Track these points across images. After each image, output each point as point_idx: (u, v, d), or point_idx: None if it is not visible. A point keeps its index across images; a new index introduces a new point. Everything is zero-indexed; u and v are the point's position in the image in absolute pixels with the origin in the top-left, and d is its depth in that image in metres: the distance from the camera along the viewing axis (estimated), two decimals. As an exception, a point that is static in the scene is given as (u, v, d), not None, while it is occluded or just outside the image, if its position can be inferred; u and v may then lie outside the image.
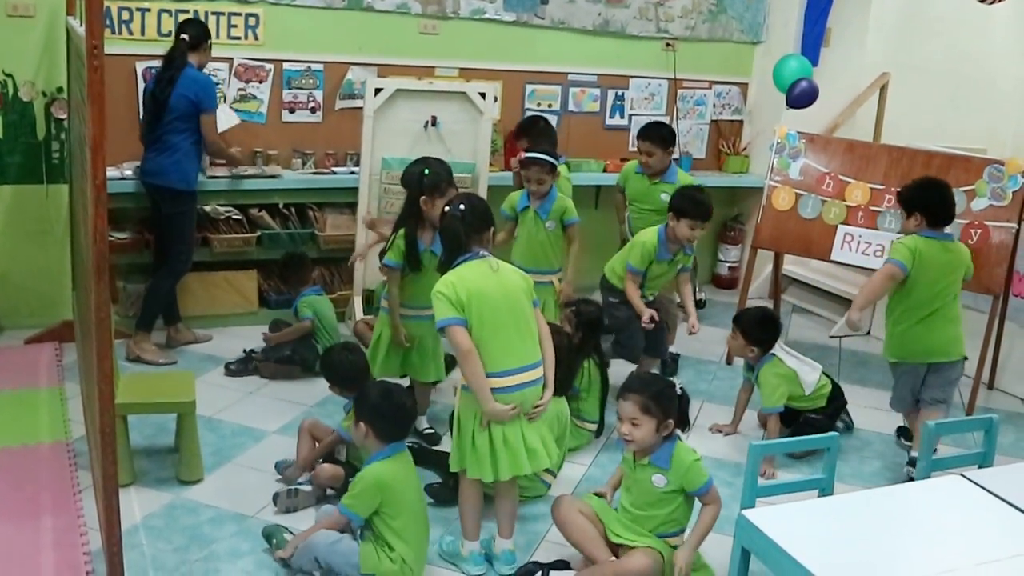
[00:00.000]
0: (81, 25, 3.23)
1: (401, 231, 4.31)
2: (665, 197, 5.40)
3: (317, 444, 4.16)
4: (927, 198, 4.54)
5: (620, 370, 4.89)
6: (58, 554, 3.48)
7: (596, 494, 3.65)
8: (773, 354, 4.76)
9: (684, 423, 3.51)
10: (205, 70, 5.37)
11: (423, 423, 4.66)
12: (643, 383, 3.44)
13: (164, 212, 5.34)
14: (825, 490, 3.46)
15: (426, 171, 4.25)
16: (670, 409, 3.36)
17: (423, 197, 4.24)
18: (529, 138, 5.52)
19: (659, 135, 5.66)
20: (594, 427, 4.74)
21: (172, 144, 5.20)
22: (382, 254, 4.43)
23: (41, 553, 3.48)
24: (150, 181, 5.29)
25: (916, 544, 2.86)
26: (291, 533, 3.60)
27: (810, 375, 4.80)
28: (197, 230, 5.74)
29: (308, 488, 3.98)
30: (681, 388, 3.47)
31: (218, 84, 5.87)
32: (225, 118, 5.69)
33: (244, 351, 5.36)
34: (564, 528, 3.53)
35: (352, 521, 3.43)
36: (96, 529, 3.55)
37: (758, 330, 4.79)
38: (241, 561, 3.54)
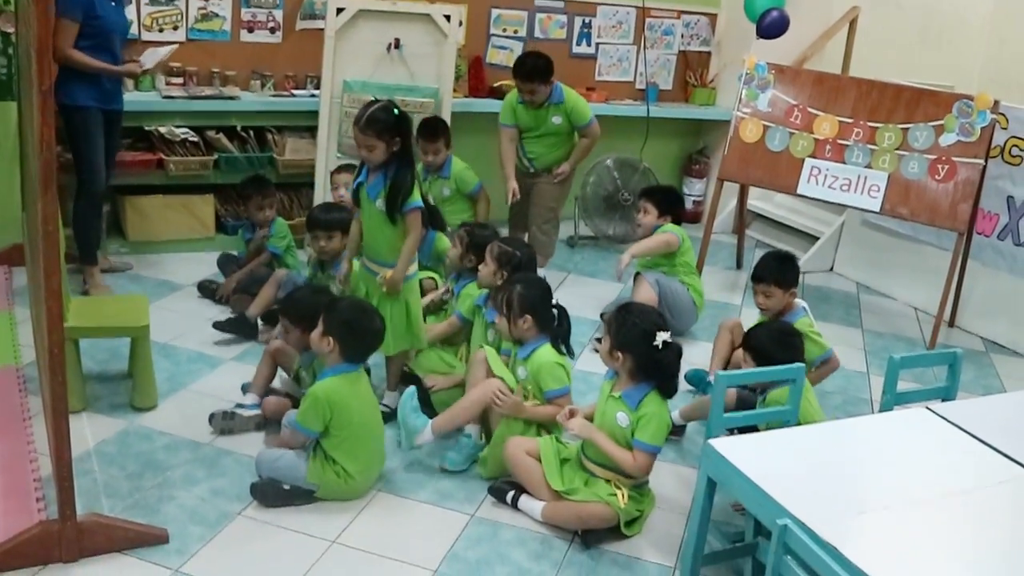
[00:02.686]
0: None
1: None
2: (557, 119, 5.65)
3: (280, 369, 4.10)
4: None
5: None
6: (7, 479, 3.39)
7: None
8: (805, 309, 4.38)
9: (670, 378, 3.41)
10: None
11: (385, 398, 4.16)
12: (625, 308, 3.46)
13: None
14: (790, 422, 3.43)
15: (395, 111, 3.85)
16: (620, 336, 3.35)
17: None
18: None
19: (538, 70, 5.55)
20: None
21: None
22: None
23: (-11, 478, 3.39)
24: None
25: (883, 475, 2.84)
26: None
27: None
28: (152, 151, 5.58)
29: (247, 413, 3.90)
30: (668, 343, 3.35)
31: (174, 1, 5.67)
32: (150, 55, 5.18)
33: (232, 313, 4.94)
34: (513, 467, 3.55)
35: (307, 436, 3.44)
36: (47, 455, 3.44)
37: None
38: (196, 488, 3.47)
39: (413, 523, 3.43)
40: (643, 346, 3.32)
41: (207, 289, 5.21)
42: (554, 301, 3.80)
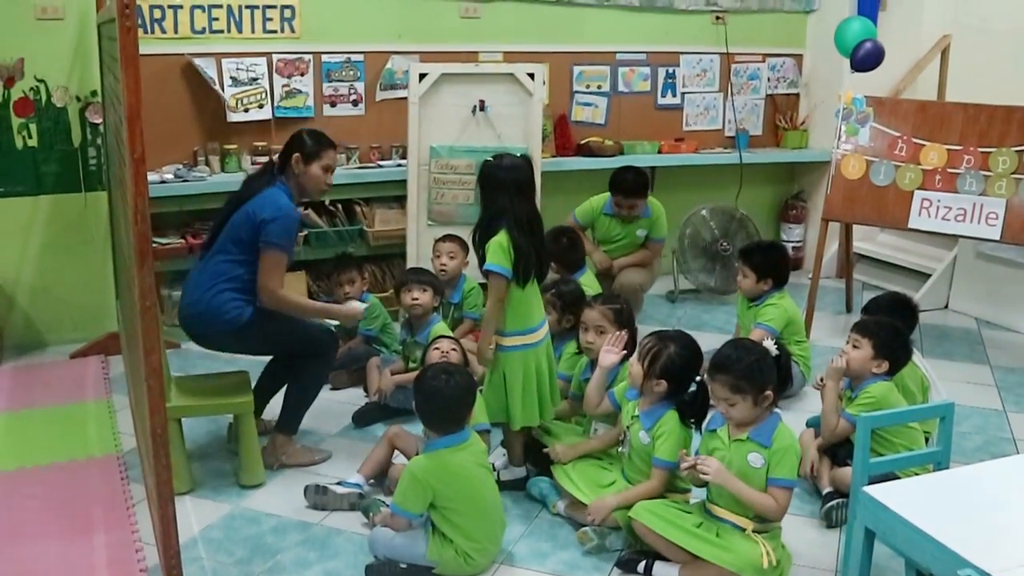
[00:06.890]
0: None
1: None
2: (642, 233, 5.65)
3: (399, 452, 3.86)
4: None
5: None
6: (113, 572, 3.24)
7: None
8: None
9: (786, 381, 3.21)
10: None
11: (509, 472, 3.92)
12: (731, 359, 3.12)
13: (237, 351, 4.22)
14: (941, 464, 3.15)
15: None
16: (765, 379, 3.07)
17: None
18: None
19: (640, 186, 5.54)
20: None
21: (218, 271, 3.85)
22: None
23: (95, 571, 3.25)
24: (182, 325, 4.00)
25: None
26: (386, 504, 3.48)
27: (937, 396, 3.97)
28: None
29: (342, 490, 3.70)
30: (779, 345, 3.17)
31: (257, 80, 5.65)
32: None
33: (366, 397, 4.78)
34: (647, 537, 3.25)
35: (410, 520, 3.24)
36: (152, 544, 3.32)
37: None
38: (308, 571, 3.28)
39: (541, 597, 3.20)
40: (772, 370, 3.12)
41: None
42: (699, 376, 3.44)
